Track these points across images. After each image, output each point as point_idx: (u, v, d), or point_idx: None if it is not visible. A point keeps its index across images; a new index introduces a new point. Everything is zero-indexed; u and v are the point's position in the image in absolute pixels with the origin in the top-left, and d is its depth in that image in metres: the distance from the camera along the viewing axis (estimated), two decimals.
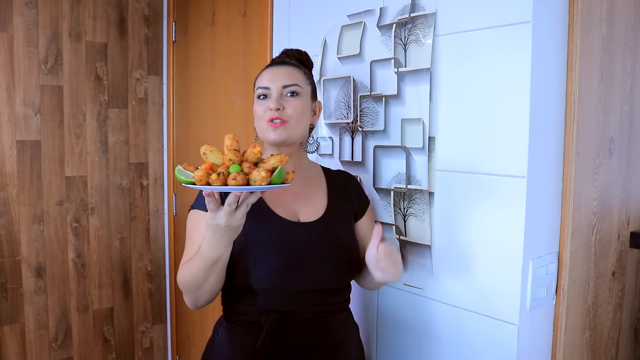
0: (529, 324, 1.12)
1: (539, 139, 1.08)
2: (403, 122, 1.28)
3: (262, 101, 1.13)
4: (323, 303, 1.12)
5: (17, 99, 2.05)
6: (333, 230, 1.14)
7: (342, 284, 1.16)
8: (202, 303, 1.08)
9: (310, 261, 1.09)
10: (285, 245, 1.08)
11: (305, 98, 1.15)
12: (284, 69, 1.15)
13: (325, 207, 1.17)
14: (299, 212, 1.14)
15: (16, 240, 2.08)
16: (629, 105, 1.31)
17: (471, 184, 1.16)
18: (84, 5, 2.19)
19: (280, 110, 1.10)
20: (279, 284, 1.06)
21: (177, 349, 2.50)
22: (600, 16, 1.18)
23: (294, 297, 1.08)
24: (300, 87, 1.13)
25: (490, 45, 1.11)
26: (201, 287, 1.03)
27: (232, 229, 0.92)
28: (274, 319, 1.06)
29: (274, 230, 1.09)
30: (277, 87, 1.12)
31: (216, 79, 2.08)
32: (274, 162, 0.89)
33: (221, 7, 2.04)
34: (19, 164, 2.07)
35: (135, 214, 2.42)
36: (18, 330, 2.10)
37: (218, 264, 0.98)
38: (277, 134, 1.10)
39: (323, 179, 1.23)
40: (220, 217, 0.89)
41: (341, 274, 1.14)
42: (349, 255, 1.15)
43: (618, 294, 1.36)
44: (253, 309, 1.09)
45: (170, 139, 2.43)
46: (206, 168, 0.86)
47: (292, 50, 1.24)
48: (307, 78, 1.17)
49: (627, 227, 1.37)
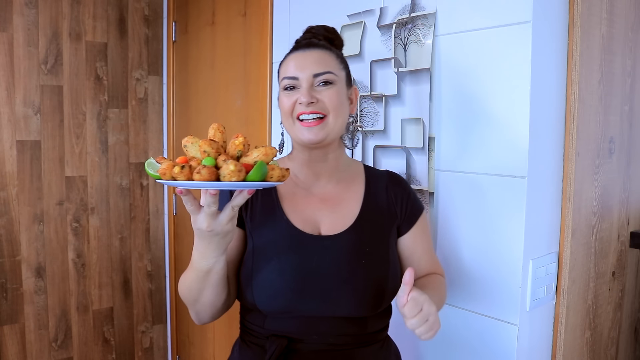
0: (529, 324, 1.12)
1: (539, 139, 1.08)
2: (403, 122, 1.28)
3: (290, 93, 0.95)
4: (343, 333, 0.92)
5: (17, 99, 2.05)
6: (359, 247, 0.94)
7: (367, 313, 0.93)
8: (204, 318, 0.94)
9: (325, 283, 0.90)
10: (295, 262, 0.91)
11: (341, 86, 0.96)
12: (313, 53, 0.96)
13: (355, 218, 0.97)
14: (322, 222, 0.96)
15: (16, 240, 2.08)
16: (629, 105, 1.31)
17: (471, 184, 1.16)
18: (84, 5, 2.18)
19: (314, 104, 0.92)
20: (285, 306, 0.90)
21: (177, 349, 2.50)
22: (600, 16, 1.17)
23: (306, 324, 0.91)
24: (334, 75, 0.95)
25: (490, 45, 1.11)
26: (198, 301, 0.90)
27: (217, 235, 0.78)
28: (278, 346, 0.90)
29: (284, 242, 0.93)
30: (307, 76, 0.93)
31: (216, 79, 2.08)
32: (256, 156, 0.74)
33: (221, 7, 2.04)
34: (19, 164, 2.07)
35: (135, 214, 2.42)
36: (18, 330, 2.10)
37: (211, 276, 0.85)
38: (312, 133, 0.93)
39: (362, 182, 1.02)
40: (201, 220, 0.76)
41: (365, 301, 0.91)
42: (377, 280, 0.93)
43: (618, 294, 1.36)
44: (262, 331, 0.95)
45: (170, 139, 2.43)
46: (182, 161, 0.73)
47: (319, 28, 1.04)
48: (340, 62, 0.98)
49: (627, 227, 1.37)
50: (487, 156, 1.13)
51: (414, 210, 1.02)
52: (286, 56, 0.99)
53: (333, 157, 1.00)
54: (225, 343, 2.11)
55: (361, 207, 0.98)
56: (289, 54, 0.99)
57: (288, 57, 0.98)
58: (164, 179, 0.71)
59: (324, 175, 1.00)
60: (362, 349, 0.94)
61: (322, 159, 0.99)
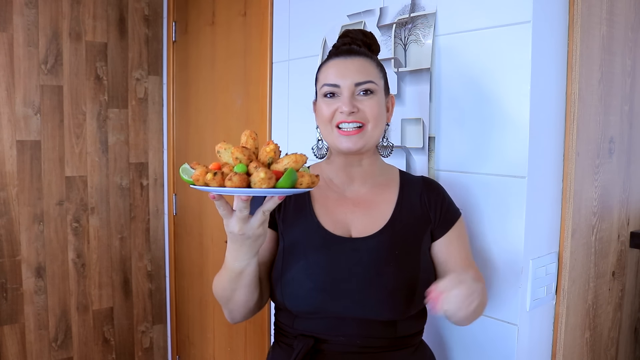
0: (529, 324, 1.12)
1: (539, 139, 1.08)
2: (403, 122, 1.28)
3: (330, 100, 0.95)
4: (371, 336, 0.93)
5: (17, 99, 2.05)
6: (388, 250, 0.94)
7: (396, 317, 0.92)
8: (237, 317, 0.97)
9: (353, 285, 0.91)
10: (323, 263, 0.92)
11: (380, 95, 0.96)
12: (355, 61, 0.95)
13: (387, 221, 0.97)
14: (353, 224, 0.97)
15: (16, 240, 2.08)
16: (629, 105, 1.31)
17: (471, 184, 1.16)
18: (84, 5, 2.19)
19: (355, 113, 0.93)
20: (312, 306, 0.91)
21: (177, 349, 2.50)
22: (600, 16, 1.17)
23: (334, 324, 0.92)
24: (375, 84, 0.95)
25: (490, 45, 1.11)
26: (230, 300, 0.93)
27: (249, 239, 0.81)
28: (304, 345, 0.91)
29: (313, 243, 0.94)
30: (349, 84, 0.93)
31: (216, 79, 2.08)
32: (286, 163, 0.77)
33: (221, 7, 2.04)
34: (19, 164, 2.07)
35: (135, 214, 2.42)
36: (18, 330, 2.10)
37: (244, 277, 0.88)
38: (351, 142, 0.93)
39: (396, 187, 1.02)
40: (233, 224, 0.79)
41: (393, 303, 0.91)
42: (406, 283, 0.92)
43: (618, 294, 1.36)
44: (291, 330, 0.96)
45: (170, 139, 2.43)
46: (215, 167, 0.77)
47: (356, 32, 1.03)
48: (380, 70, 0.98)
49: (627, 227, 1.37)
50: (487, 156, 1.13)
51: (449, 216, 1.01)
52: (325, 62, 0.99)
53: (368, 163, 1.01)
54: (225, 343, 2.11)
55: (393, 211, 0.98)
56: (329, 60, 0.98)
57: (328, 63, 0.98)
58: (197, 185, 0.75)
59: (358, 179, 1.02)
60: (392, 352, 0.94)
61: (358, 164, 1.00)
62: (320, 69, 1.00)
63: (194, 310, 2.32)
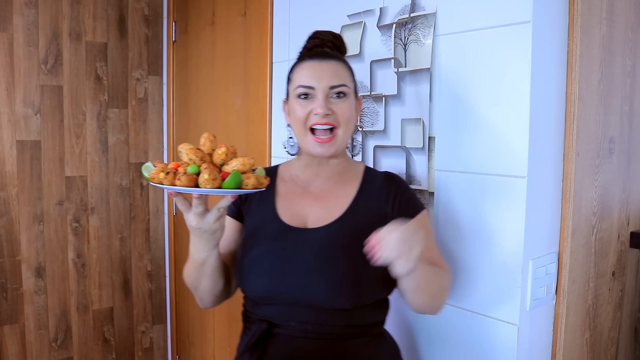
0: (529, 324, 1.12)
1: (539, 139, 1.08)
2: (403, 122, 1.28)
3: (304, 102, 0.99)
4: (322, 323, 0.95)
5: (17, 99, 2.05)
6: (338, 240, 0.97)
7: (344, 305, 0.94)
8: (207, 303, 1.05)
9: (302, 272, 0.95)
10: (275, 251, 0.98)
11: (352, 98, 1.01)
12: (329, 64, 0.99)
13: (342, 213, 1.00)
14: (310, 217, 1.01)
15: (16, 240, 2.08)
16: (629, 105, 1.31)
17: (471, 184, 1.16)
18: (84, 5, 2.18)
19: (329, 115, 0.97)
20: (265, 292, 0.97)
21: (177, 349, 2.50)
22: (600, 16, 1.17)
23: (286, 310, 0.97)
24: (348, 87, 0.99)
25: (490, 45, 1.11)
26: (198, 288, 1.01)
27: (206, 232, 0.87)
28: (258, 329, 0.97)
29: (268, 233, 1.01)
30: (324, 87, 0.97)
31: (216, 79, 2.08)
32: (234, 165, 0.85)
33: (221, 7, 2.04)
34: (19, 164, 2.07)
35: (135, 214, 2.42)
36: (18, 330, 2.10)
37: (206, 267, 0.95)
38: (324, 149, 0.98)
39: (358, 182, 1.06)
40: (190, 218, 0.86)
41: (340, 292, 0.93)
42: (353, 273, 0.94)
43: (618, 294, 1.36)
44: (252, 315, 1.02)
45: (170, 139, 2.43)
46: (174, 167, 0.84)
47: (326, 34, 1.07)
48: (351, 74, 1.03)
49: (627, 227, 1.37)
50: (487, 156, 1.13)
51: (409, 209, 1.02)
52: (299, 63, 1.02)
53: (336, 162, 1.06)
54: (225, 343, 2.11)
55: (350, 204, 1.02)
56: (303, 61, 1.01)
57: (302, 65, 1.01)
58: (154, 182, 0.82)
59: (323, 176, 1.07)
60: (345, 340, 0.97)
61: (326, 163, 1.06)
62: (293, 69, 1.03)
63: (194, 310, 2.32)
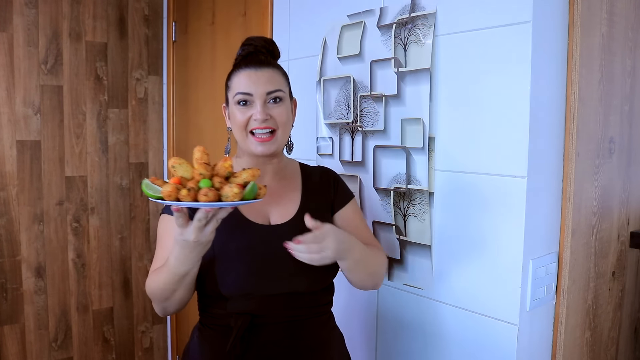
0: (529, 324, 1.12)
1: (539, 139, 1.08)
2: (403, 122, 1.28)
3: (244, 108, 1.06)
4: (298, 306, 1.06)
5: (17, 99, 2.05)
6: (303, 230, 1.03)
7: (319, 287, 1.10)
8: (171, 312, 1.07)
9: (282, 265, 1.03)
10: (254, 250, 1.04)
11: (287, 101, 1.10)
12: (265, 72, 1.07)
13: (298, 208, 1.11)
14: (271, 214, 1.10)
15: (16, 240, 2.08)
16: (629, 105, 1.31)
17: (471, 184, 1.16)
18: (84, 5, 2.19)
19: (267, 120, 1.05)
20: (248, 289, 1.03)
21: (177, 349, 2.50)
22: (600, 16, 1.17)
23: (266, 302, 1.04)
24: (283, 92, 1.08)
25: (490, 45, 1.11)
26: (169, 299, 1.00)
27: (200, 245, 0.89)
28: (243, 322, 1.02)
29: (243, 235, 1.05)
30: (261, 93, 1.05)
31: (216, 79, 2.08)
32: (245, 177, 0.86)
33: (221, 7, 2.04)
34: (19, 164, 2.07)
35: (135, 214, 2.42)
36: (18, 330, 2.10)
37: (186, 278, 0.96)
38: (265, 147, 1.06)
39: (299, 177, 1.17)
40: (189, 233, 0.86)
41: (316, 275, 1.06)
42: None
43: (618, 294, 1.36)
44: (224, 312, 1.05)
45: (170, 139, 2.43)
46: (175, 182, 0.83)
47: (258, 40, 1.14)
48: (285, 79, 1.11)
49: (627, 227, 1.37)
50: (487, 156, 1.13)
51: (343, 195, 1.19)
52: (236, 71, 1.09)
53: (277, 161, 1.14)
54: None
55: (301, 198, 1.13)
56: (240, 69, 1.09)
57: (240, 73, 1.08)
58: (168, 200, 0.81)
59: (269, 175, 1.13)
60: (312, 319, 1.09)
61: (269, 162, 1.13)
62: (230, 77, 1.10)
63: (194, 310, 2.31)
